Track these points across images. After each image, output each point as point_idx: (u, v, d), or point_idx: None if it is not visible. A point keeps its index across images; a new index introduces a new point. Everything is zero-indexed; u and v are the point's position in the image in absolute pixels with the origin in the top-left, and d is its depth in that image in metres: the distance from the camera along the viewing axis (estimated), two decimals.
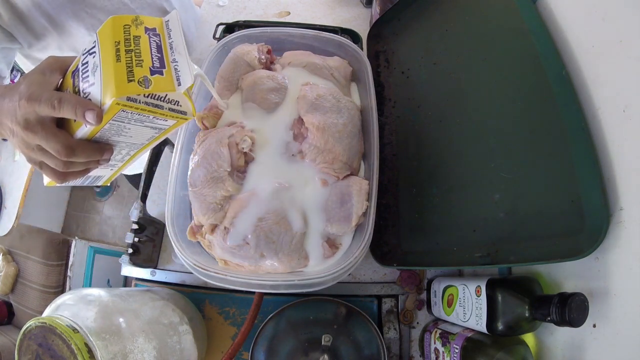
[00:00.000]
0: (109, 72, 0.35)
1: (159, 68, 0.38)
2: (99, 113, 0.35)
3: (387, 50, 0.68)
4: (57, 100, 0.35)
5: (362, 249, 0.46)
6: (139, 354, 0.45)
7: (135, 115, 0.37)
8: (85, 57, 0.38)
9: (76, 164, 0.39)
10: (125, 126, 0.38)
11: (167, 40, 0.40)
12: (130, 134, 0.40)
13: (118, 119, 0.37)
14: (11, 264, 1.26)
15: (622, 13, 0.39)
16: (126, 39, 0.37)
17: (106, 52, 0.36)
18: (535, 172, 0.43)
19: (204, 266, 0.46)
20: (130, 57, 0.36)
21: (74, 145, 0.38)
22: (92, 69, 0.36)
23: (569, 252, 0.36)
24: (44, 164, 0.39)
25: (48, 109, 0.36)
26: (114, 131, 0.39)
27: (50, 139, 0.37)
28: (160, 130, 0.42)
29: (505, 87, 0.49)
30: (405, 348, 0.59)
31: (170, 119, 0.40)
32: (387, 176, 0.58)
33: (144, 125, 0.39)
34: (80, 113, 0.35)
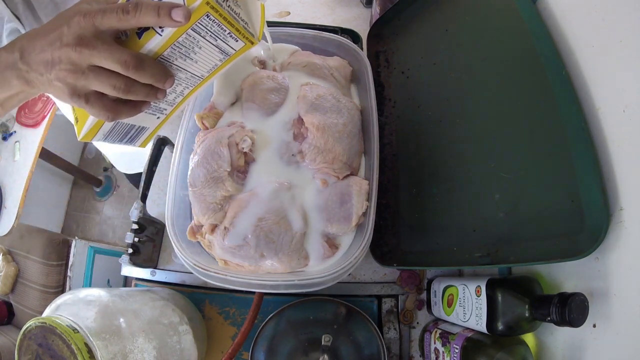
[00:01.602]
0: None
1: None
2: (187, 11, 0.31)
3: (387, 50, 0.68)
4: (133, 5, 0.31)
5: (362, 249, 0.46)
6: (139, 354, 0.45)
7: (215, 27, 0.34)
8: None
9: (138, 88, 0.35)
10: (198, 43, 0.35)
11: None
12: (197, 57, 0.37)
13: (197, 29, 0.34)
14: (11, 264, 1.26)
15: (622, 13, 0.39)
16: None
17: None
18: (535, 172, 0.43)
19: (204, 266, 0.46)
20: None
21: (142, 57, 0.34)
22: None
23: (569, 252, 0.36)
24: (93, 95, 0.35)
25: (117, 19, 0.32)
26: (183, 51, 0.35)
27: (115, 49, 0.33)
28: (225, 57, 0.39)
29: (505, 87, 0.49)
30: (405, 348, 0.59)
31: (242, 39, 0.37)
32: (387, 176, 0.58)
33: (216, 44, 0.36)
34: (165, 13, 0.31)
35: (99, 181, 1.79)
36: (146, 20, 0.32)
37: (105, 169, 1.81)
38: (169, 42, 0.34)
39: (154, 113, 0.42)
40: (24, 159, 1.13)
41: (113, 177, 1.81)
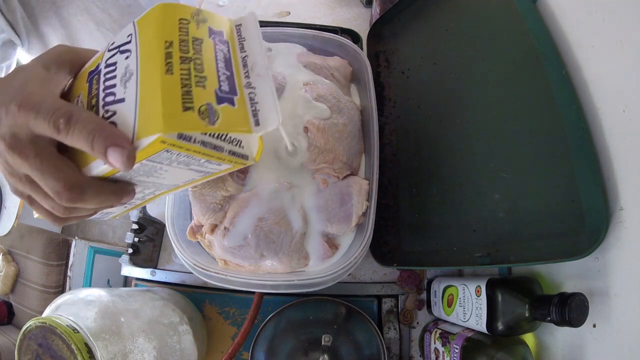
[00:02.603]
0: (152, 88, 0.23)
1: (228, 93, 0.26)
2: (129, 154, 0.23)
3: (387, 50, 0.68)
4: (65, 119, 0.24)
5: (362, 249, 0.46)
6: (139, 354, 0.45)
7: (182, 157, 0.26)
8: (112, 55, 0.26)
9: (82, 211, 0.29)
10: (162, 167, 0.27)
11: (239, 54, 0.29)
12: (165, 175, 0.28)
13: (155, 160, 0.25)
14: (11, 264, 1.26)
15: (622, 13, 0.39)
16: (182, 40, 0.25)
17: (150, 54, 0.24)
18: (535, 172, 0.43)
19: (204, 266, 0.46)
20: (187, 70, 0.24)
21: (82, 186, 0.26)
22: (123, 76, 0.25)
23: (569, 252, 0.36)
24: (34, 200, 0.28)
25: (48, 128, 0.24)
26: (143, 172, 0.27)
27: (47, 172, 0.25)
28: (205, 174, 0.31)
29: (505, 87, 0.49)
30: (405, 348, 0.59)
31: (227, 163, 0.29)
32: (387, 176, 0.58)
33: (188, 168, 0.28)
34: (99, 148, 0.23)
35: None
36: (80, 146, 0.24)
37: None
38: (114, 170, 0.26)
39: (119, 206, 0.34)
40: None
41: None
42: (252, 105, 0.27)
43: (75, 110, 0.24)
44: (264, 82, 0.28)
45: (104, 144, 0.23)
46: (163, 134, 0.22)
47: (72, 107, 0.25)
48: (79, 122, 0.24)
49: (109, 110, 0.25)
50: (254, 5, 0.88)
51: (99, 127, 0.24)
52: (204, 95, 0.24)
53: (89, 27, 0.57)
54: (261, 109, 0.27)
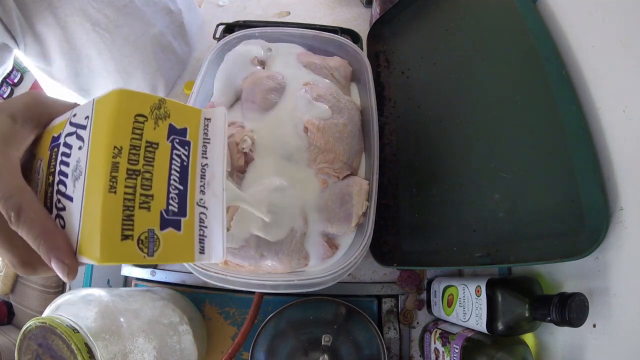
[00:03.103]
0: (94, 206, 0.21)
1: (175, 214, 0.23)
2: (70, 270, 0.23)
3: (387, 50, 0.68)
4: (15, 213, 0.23)
5: (362, 249, 0.46)
6: (139, 354, 0.45)
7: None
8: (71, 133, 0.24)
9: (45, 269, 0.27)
10: None
11: (199, 160, 0.25)
12: None
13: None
14: None
15: (622, 13, 0.39)
16: (134, 145, 0.22)
17: (97, 161, 0.22)
18: (535, 172, 0.43)
19: (204, 266, 0.46)
20: (133, 188, 0.22)
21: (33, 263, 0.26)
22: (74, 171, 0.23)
23: (569, 252, 0.36)
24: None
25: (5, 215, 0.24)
26: None
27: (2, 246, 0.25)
28: None
29: (505, 87, 0.49)
30: (405, 348, 0.59)
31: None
32: (387, 176, 0.58)
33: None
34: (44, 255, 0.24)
35: None
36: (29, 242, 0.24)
37: None
38: None
39: None
40: None
41: None
42: (200, 228, 0.24)
43: (25, 205, 0.24)
44: (217, 205, 0.25)
45: (47, 254, 0.23)
46: (98, 263, 0.21)
47: (23, 198, 0.24)
48: (26, 223, 0.23)
49: (60, 200, 0.24)
50: (254, 5, 0.88)
51: (44, 233, 0.23)
52: (147, 219, 0.22)
53: (85, 28, 0.57)
54: (209, 235, 0.24)
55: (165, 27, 0.70)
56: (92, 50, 0.60)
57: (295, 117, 0.53)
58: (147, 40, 0.66)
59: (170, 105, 0.24)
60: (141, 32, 0.64)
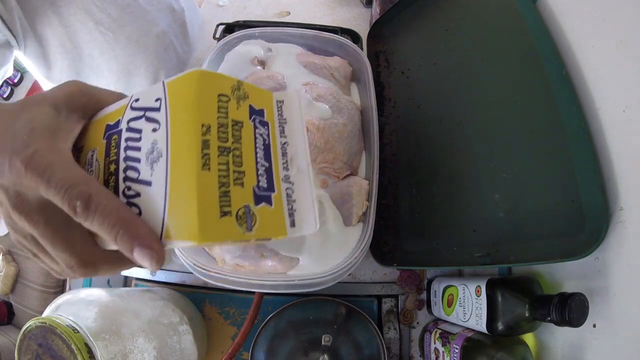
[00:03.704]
0: (187, 187, 0.20)
1: (266, 190, 0.23)
2: (159, 256, 0.21)
3: (387, 50, 0.68)
4: (83, 203, 0.21)
5: (362, 249, 0.46)
6: (139, 354, 0.45)
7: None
8: (136, 118, 0.23)
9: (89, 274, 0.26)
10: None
11: (279, 139, 0.25)
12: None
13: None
14: (11, 264, 1.26)
15: (622, 13, 0.39)
16: (221, 124, 0.22)
17: (184, 140, 0.21)
18: (535, 172, 0.43)
19: (204, 266, 0.46)
20: (225, 164, 0.21)
21: (96, 262, 0.24)
22: (150, 153, 0.22)
23: (569, 252, 0.36)
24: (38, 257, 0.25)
25: (62, 205, 0.21)
26: None
27: (60, 245, 0.23)
28: None
29: (505, 87, 0.49)
30: (405, 348, 0.59)
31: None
32: (387, 176, 0.58)
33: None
34: (125, 246, 0.21)
35: None
36: (100, 234, 0.22)
37: None
38: None
39: None
40: None
41: None
42: (288, 203, 0.24)
43: (93, 192, 0.21)
44: (303, 179, 0.25)
45: (130, 242, 0.21)
46: (198, 243, 0.20)
47: (89, 186, 0.21)
48: (99, 211, 0.21)
49: (131, 188, 0.22)
50: (254, 5, 0.88)
51: (123, 220, 0.21)
52: (242, 195, 0.22)
53: (89, 27, 0.57)
54: (298, 208, 0.24)
55: (168, 26, 0.70)
56: (94, 50, 0.60)
57: None
58: (150, 39, 0.66)
59: (247, 87, 0.24)
60: (144, 31, 0.64)
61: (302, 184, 0.25)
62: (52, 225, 0.22)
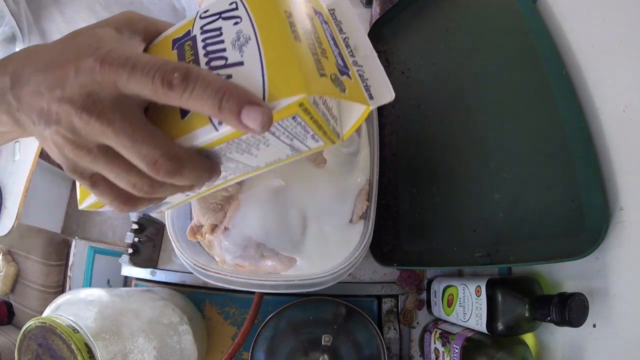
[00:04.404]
0: (283, 52, 0.22)
1: (344, 68, 0.26)
2: (269, 114, 0.20)
3: (387, 50, 0.68)
4: (181, 75, 0.20)
5: (362, 249, 0.46)
6: (139, 354, 0.45)
7: (298, 128, 0.24)
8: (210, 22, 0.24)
9: (167, 189, 0.24)
10: (267, 142, 0.25)
11: (340, 35, 0.28)
12: (259, 153, 0.27)
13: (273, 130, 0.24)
14: (11, 264, 1.26)
15: (622, 13, 0.39)
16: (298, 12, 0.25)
17: (271, 21, 0.23)
18: (535, 172, 0.43)
19: (204, 266, 0.46)
20: (311, 39, 0.24)
21: (181, 157, 0.22)
22: (236, 41, 0.23)
23: (569, 252, 0.36)
24: (102, 180, 0.24)
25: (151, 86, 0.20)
26: (243, 147, 0.25)
27: (141, 138, 0.21)
28: (294, 153, 0.29)
29: (505, 87, 0.49)
30: (405, 348, 0.59)
31: (323, 140, 0.28)
32: (387, 176, 0.58)
33: (290, 143, 0.27)
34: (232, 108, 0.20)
35: None
36: (199, 108, 0.21)
37: None
38: (226, 138, 0.23)
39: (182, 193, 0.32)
40: (24, 159, 1.13)
41: None
42: (362, 81, 0.27)
43: (190, 65, 0.21)
44: (371, 61, 0.27)
45: (237, 103, 0.20)
46: (307, 94, 0.20)
47: (183, 63, 0.21)
48: (200, 79, 0.20)
49: (219, 74, 0.22)
50: None
51: (226, 85, 0.20)
52: (330, 65, 0.24)
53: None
54: (372, 84, 0.27)
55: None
56: None
57: None
58: None
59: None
60: None
61: (371, 65, 0.27)
62: (130, 120, 0.21)
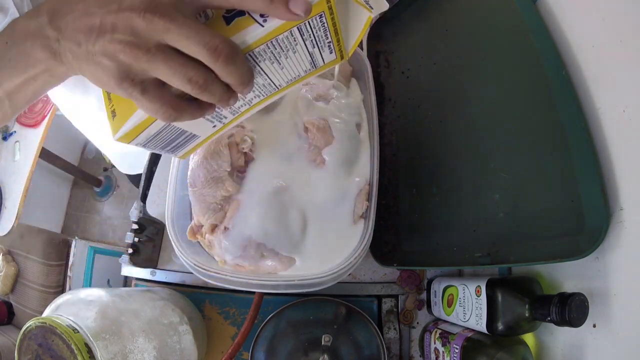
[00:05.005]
0: None
1: None
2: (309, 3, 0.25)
3: (387, 50, 0.68)
4: None
5: (362, 249, 0.46)
6: (139, 354, 0.45)
7: (320, 32, 0.29)
8: None
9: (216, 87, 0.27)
10: (295, 46, 0.30)
11: None
12: (286, 62, 0.31)
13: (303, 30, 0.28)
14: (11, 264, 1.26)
15: (622, 13, 0.39)
16: None
17: None
18: (535, 172, 0.43)
19: (204, 266, 0.46)
20: None
21: (236, 47, 0.26)
22: None
23: (569, 252, 0.36)
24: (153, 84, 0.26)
25: None
26: (276, 52, 0.29)
27: (202, 29, 0.24)
28: (312, 68, 0.34)
29: (505, 87, 0.49)
30: (405, 348, 0.59)
31: (336, 51, 0.33)
32: (387, 176, 0.58)
33: (312, 51, 0.31)
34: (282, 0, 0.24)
35: (99, 181, 1.79)
36: (252, 3, 0.25)
37: (105, 169, 1.81)
38: (268, 36, 0.27)
39: (212, 120, 0.35)
40: (24, 159, 1.13)
41: (113, 177, 1.81)
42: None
43: None
44: None
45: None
46: None
47: None
48: None
49: None
50: None
51: None
52: None
53: None
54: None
55: None
56: None
57: (295, 117, 0.53)
58: None
59: None
60: None
61: None
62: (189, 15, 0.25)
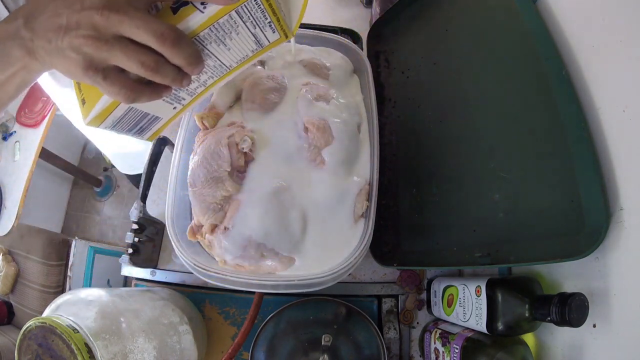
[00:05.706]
0: None
1: None
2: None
3: (387, 50, 0.68)
4: None
5: (362, 249, 0.46)
6: (139, 354, 0.45)
7: (258, 13, 0.33)
8: None
9: (167, 69, 0.31)
10: (237, 28, 0.34)
11: None
12: (232, 44, 0.35)
13: (241, 12, 0.32)
14: (11, 264, 1.26)
15: (622, 13, 0.39)
16: None
17: None
18: (535, 172, 0.43)
19: (204, 266, 0.46)
20: None
21: (181, 33, 0.30)
22: None
23: (569, 252, 0.36)
24: (112, 71, 0.31)
25: None
26: (220, 35, 0.33)
27: (150, 19, 0.29)
28: (258, 47, 0.37)
29: (505, 87, 0.49)
30: (405, 348, 0.59)
31: (279, 30, 0.36)
32: (387, 176, 0.58)
33: (254, 32, 0.35)
34: None
35: (99, 181, 1.79)
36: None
37: (105, 169, 1.81)
38: (209, 21, 0.32)
39: (171, 102, 0.39)
40: (24, 159, 1.13)
41: (113, 177, 1.81)
42: None
43: None
44: None
45: None
46: None
47: None
48: None
49: None
50: None
51: None
52: None
53: None
54: None
55: None
56: None
57: (295, 117, 0.53)
58: None
59: None
60: None
61: None
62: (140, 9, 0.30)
